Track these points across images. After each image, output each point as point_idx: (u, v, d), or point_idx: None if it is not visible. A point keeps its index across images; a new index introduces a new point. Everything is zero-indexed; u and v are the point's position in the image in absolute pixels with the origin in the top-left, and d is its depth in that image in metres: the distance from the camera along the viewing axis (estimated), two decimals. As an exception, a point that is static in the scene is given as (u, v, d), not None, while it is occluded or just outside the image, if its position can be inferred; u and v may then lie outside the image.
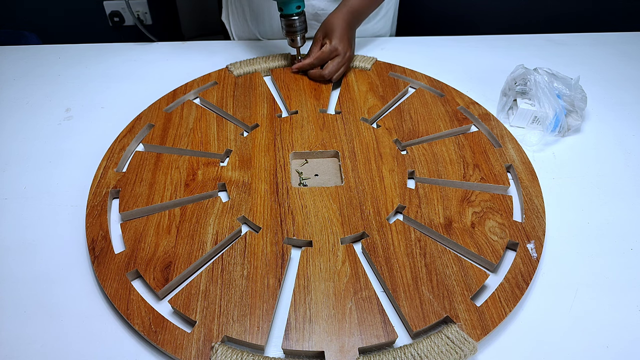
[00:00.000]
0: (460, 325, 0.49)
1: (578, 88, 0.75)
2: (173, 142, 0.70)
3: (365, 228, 0.58)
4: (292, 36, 0.80)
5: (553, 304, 0.53)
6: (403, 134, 0.71)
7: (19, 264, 0.56)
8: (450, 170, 0.66)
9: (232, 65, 0.84)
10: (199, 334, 0.48)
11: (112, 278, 0.53)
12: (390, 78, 0.83)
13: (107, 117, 0.78)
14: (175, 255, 0.55)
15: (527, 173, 0.66)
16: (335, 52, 0.79)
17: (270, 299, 0.51)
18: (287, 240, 0.57)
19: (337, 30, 0.79)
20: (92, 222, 0.59)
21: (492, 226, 0.58)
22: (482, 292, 0.53)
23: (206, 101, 0.78)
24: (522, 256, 0.56)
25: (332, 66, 0.79)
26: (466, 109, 0.76)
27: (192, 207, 0.60)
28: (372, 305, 0.50)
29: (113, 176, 0.64)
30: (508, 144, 0.70)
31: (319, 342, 0.48)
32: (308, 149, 0.69)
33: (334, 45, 0.78)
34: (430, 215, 0.60)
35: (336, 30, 0.79)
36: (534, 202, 0.62)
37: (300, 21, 0.78)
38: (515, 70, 0.77)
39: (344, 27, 0.80)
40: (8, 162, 0.70)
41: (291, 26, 0.78)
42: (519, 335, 0.50)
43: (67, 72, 0.88)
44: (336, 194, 0.62)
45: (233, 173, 0.65)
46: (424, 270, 0.53)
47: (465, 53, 0.94)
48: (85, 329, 0.50)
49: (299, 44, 0.81)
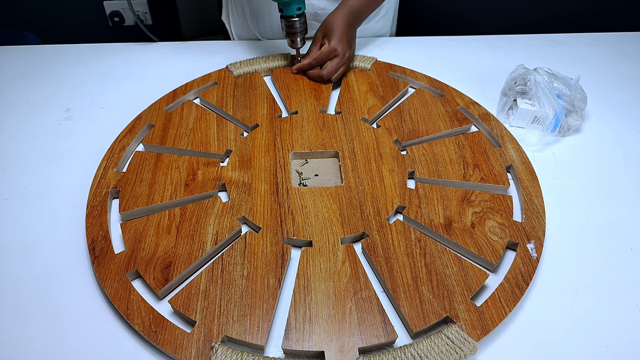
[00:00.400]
0: (460, 325, 0.49)
1: (578, 88, 0.75)
2: (173, 142, 0.70)
3: (365, 228, 0.58)
4: (292, 37, 0.80)
5: (553, 304, 0.53)
6: (403, 134, 0.71)
7: (19, 264, 0.56)
8: (450, 171, 0.66)
9: (232, 65, 0.84)
10: (199, 334, 0.48)
11: (112, 278, 0.53)
12: (390, 78, 0.83)
13: (107, 117, 0.78)
14: (175, 255, 0.55)
15: (527, 173, 0.66)
16: (334, 53, 0.79)
17: (270, 299, 0.51)
18: (287, 240, 0.57)
19: (336, 30, 0.79)
20: (92, 222, 0.59)
21: (492, 226, 0.58)
22: (482, 292, 0.53)
23: (206, 101, 0.78)
24: (522, 256, 0.56)
25: (330, 66, 0.79)
26: (466, 109, 0.76)
27: (192, 207, 0.60)
28: (372, 305, 0.50)
29: (113, 176, 0.64)
30: (508, 144, 0.70)
31: (319, 342, 0.48)
32: (308, 149, 0.69)
33: (333, 46, 0.78)
34: (430, 215, 0.60)
35: (335, 30, 0.79)
36: (534, 202, 0.62)
37: (301, 22, 0.78)
38: (515, 70, 0.77)
39: (344, 27, 0.79)
40: (8, 162, 0.70)
41: (291, 27, 0.78)
42: (519, 336, 0.50)
43: (67, 72, 0.88)
44: (336, 194, 0.62)
45: (233, 173, 0.65)
46: (424, 270, 0.54)
47: (465, 53, 0.94)
48: (85, 329, 0.50)
49: (298, 44, 0.81)
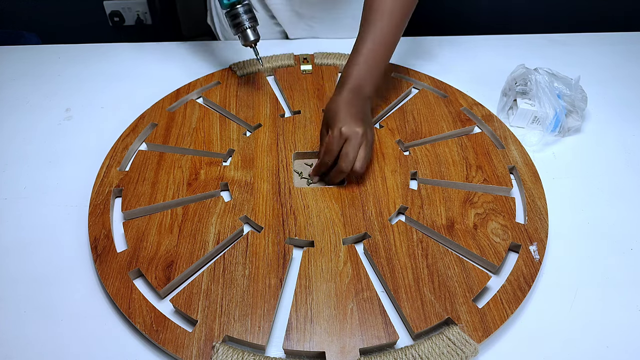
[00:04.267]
0: (462, 326, 0.49)
1: (578, 88, 0.75)
2: (176, 141, 0.70)
3: (367, 229, 0.58)
4: (241, 30, 0.69)
5: (554, 305, 0.53)
6: (406, 134, 0.71)
7: (19, 263, 0.56)
8: (453, 172, 0.66)
9: (236, 65, 0.84)
10: (200, 333, 0.48)
11: (114, 277, 0.53)
12: (394, 78, 0.83)
13: (107, 117, 0.77)
14: (177, 255, 0.55)
15: (530, 175, 0.66)
16: (344, 137, 0.60)
17: (272, 299, 0.51)
18: (289, 240, 0.57)
19: (335, 116, 0.62)
20: (95, 220, 0.59)
21: (494, 228, 0.58)
22: (484, 294, 0.53)
23: (209, 101, 0.78)
24: (525, 258, 0.56)
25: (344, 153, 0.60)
26: (469, 110, 0.77)
27: (194, 206, 0.60)
28: (373, 306, 0.50)
29: (116, 175, 0.64)
30: (511, 145, 0.71)
31: (319, 343, 0.48)
32: (311, 149, 0.69)
33: (337, 132, 0.61)
34: (433, 216, 0.60)
35: (334, 117, 0.62)
36: (536, 203, 0.62)
37: (245, 10, 0.68)
38: (516, 70, 0.77)
39: (343, 108, 0.62)
40: (8, 162, 0.70)
41: (236, 17, 0.69)
42: (520, 338, 0.50)
43: (67, 72, 0.88)
44: (338, 195, 0.62)
45: (235, 173, 0.65)
46: (425, 271, 0.54)
47: (465, 53, 0.94)
48: (87, 327, 0.50)
49: (251, 37, 0.70)
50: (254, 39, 0.71)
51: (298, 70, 0.84)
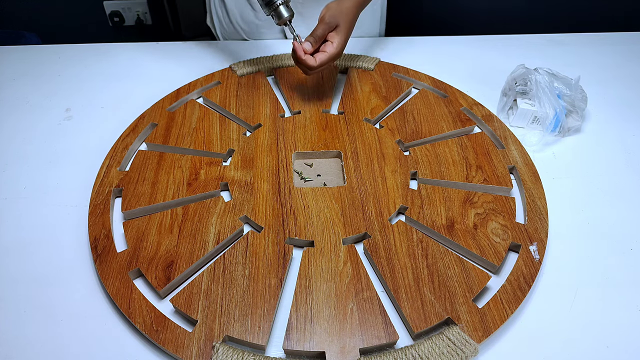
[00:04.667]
0: (462, 326, 0.49)
1: (578, 88, 0.75)
2: (176, 141, 0.70)
3: (367, 229, 0.58)
4: (273, 9, 0.67)
5: (554, 305, 0.53)
6: (406, 134, 0.71)
7: (19, 263, 0.56)
8: (453, 172, 0.66)
9: (236, 64, 0.84)
10: (200, 333, 0.48)
11: (114, 277, 0.53)
12: (394, 78, 0.83)
13: (107, 117, 0.77)
14: (177, 255, 0.55)
15: (530, 175, 0.66)
16: (339, 54, 0.72)
17: (272, 299, 0.51)
18: (289, 240, 0.57)
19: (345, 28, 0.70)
20: (95, 220, 0.59)
21: (494, 228, 0.58)
22: (484, 294, 0.53)
23: (209, 101, 0.78)
24: (525, 258, 0.56)
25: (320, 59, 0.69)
26: (469, 110, 0.77)
27: (194, 206, 0.60)
28: (373, 306, 0.50)
29: (116, 175, 0.64)
30: (511, 145, 0.71)
31: (319, 343, 0.48)
32: (311, 149, 0.69)
33: (340, 48, 0.70)
34: (433, 216, 0.60)
35: (344, 28, 0.70)
36: (536, 204, 0.62)
37: None
38: (516, 70, 0.77)
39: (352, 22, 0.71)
40: (8, 162, 0.70)
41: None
42: (520, 337, 0.50)
43: (67, 72, 0.88)
44: (338, 195, 0.62)
45: (235, 173, 0.65)
46: (425, 271, 0.54)
47: (465, 53, 0.94)
48: (87, 327, 0.50)
49: (285, 14, 0.68)
50: (288, 15, 0.68)
51: (298, 70, 0.84)
